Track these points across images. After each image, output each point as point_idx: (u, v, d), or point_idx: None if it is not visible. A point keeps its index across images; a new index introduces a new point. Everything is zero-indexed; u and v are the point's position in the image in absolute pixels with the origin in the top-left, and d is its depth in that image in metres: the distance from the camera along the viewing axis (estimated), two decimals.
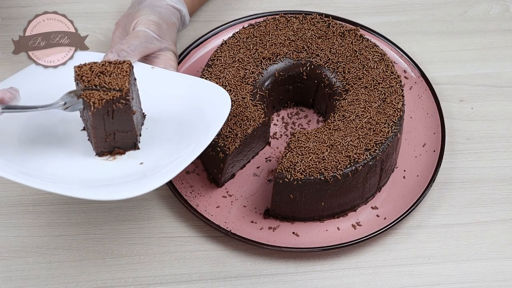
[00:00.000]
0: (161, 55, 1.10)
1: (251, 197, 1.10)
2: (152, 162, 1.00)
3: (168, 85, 1.06)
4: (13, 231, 1.07)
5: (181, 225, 1.08)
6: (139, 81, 1.03)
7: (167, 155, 0.99)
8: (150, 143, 1.03)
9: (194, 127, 1.01)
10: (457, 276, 1.05)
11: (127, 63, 0.99)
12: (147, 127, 1.04)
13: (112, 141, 1.00)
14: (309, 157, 1.04)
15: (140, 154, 1.02)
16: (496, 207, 1.11)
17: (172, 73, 1.07)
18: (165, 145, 1.01)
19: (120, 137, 1.00)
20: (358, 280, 1.05)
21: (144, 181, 0.95)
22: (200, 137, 0.98)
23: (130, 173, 0.98)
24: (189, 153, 0.96)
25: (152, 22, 1.10)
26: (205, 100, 1.03)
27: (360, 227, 1.07)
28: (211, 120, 1.00)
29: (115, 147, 1.01)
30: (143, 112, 1.05)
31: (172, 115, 1.04)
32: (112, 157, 1.01)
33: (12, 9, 1.28)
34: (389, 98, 1.09)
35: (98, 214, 1.09)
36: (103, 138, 0.99)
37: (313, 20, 1.16)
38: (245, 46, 1.14)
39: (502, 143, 1.17)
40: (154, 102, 1.05)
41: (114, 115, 0.97)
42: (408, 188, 1.10)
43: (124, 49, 1.05)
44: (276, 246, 1.04)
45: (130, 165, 1.00)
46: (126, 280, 1.04)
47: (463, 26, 1.29)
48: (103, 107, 0.96)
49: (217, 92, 1.03)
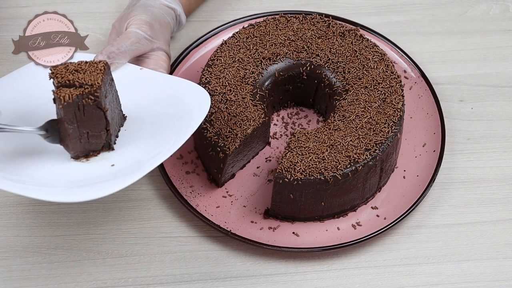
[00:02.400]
0: (153, 55, 1.10)
1: (251, 197, 1.10)
2: (123, 164, 0.99)
3: (153, 87, 1.06)
4: (13, 231, 1.07)
5: (181, 225, 1.08)
6: (126, 82, 1.03)
7: (139, 157, 0.99)
8: (125, 144, 1.02)
9: (171, 128, 1.01)
10: (457, 276, 1.05)
11: (103, 62, 0.99)
12: (126, 128, 1.04)
13: (87, 143, 0.99)
14: (309, 157, 1.04)
15: (114, 155, 1.02)
16: (496, 207, 1.11)
17: (158, 75, 1.07)
18: (140, 147, 1.01)
19: (94, 138, 0.99)
20: (358, 280, 1.05)
21: (109, 183, 0.94)
22: (177, 136, 0.98)
23: (99, 175, 0.98)
24: (163, 152, 0.96)
25: (143, 22, 1.09)
26: (186, 100, 1.03)
27: (360, 227, 1.07)
28: (187, 121, 0.99)
29: (90, 151, 1.00)
30: (123, 113, 1.05)
31: (152, 117, 1.04)
32: (86, 159, 1.01)
33: (12, 9, 1.28)
34: (389, 98, 1.09)
35: (98, 214, 1.09)
36: (77, 138, 0.98)
37: (313, 20, 1.16)
38: (245, 46, 1.14)
39: (502, 143, 1.17)
40: (137, 103, 1.05)
41: (85, 111, 0.96)
42: (408, 188, 1.10)
43: (114, 50, 1.05)
44: (276, 246, 1.04)
45: (101, 167, 1.00)
46: (126, 280, 1.04)
47: (463, 26, 1.29)
48: (73, 101, 0.95)
49: (198, 93, 1.02)
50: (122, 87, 1.04)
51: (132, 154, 1.01)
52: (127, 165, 0.99)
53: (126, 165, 0.99)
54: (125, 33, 1.08)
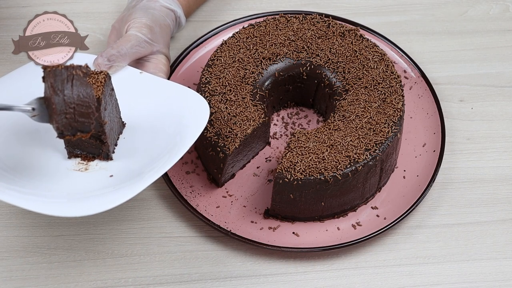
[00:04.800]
0: (152, 59, 1.10)
1: (251, 197, 1.10)
2: (122, 176, 0.99)
3: (153, 93, 1.06)
4: (13, 231, 1.07)
5: (181, 225, 1.08)
6: (126, 87, 1.03)
7: (138, 169, 0.99)
8: (124, 154, 1.02)
9: (170, 137, 1.01)
10: (457, 276, 1.05)
11: (104, 74, 0.98)
12: (125, 136, 1.04)
13: (73, 121, 0.95)
14: (309, 157, 1.04)
15: (112, 165, 1.02)
16: (496, 207, 1.11)
17: (158, 80, 1.07)
18: (139, 156, 1.01)
19: (82, 117, 0.95)
20: (358, 280, 1.05)
21: (108, 198, 0.93)
22: (174, 149, 0.98)
23: (98, 187, 0.98)
24: (160, 166, 0.96)
25: (144, 25, 1.09)
26: (186, 110, 1.03)
27: (360, 227, 1.07)
28: (186, 133, 0.99)
29: (78, 130, 0.96)
30: (122, 121, 1.05)
31: (151, 124, 1.04)
32: (84, 167, 1.01)
33: (12, 9, 1.28)
34: (389, 98, 1.09)
35: (98, 214, 1.08)
36: (63, 113, 0.94)
37: (313, 20, 1.16)
38: (245, 46, 1.14)
39: (502, 143, 1.17)
40: (136, 110, 1.05)
41: (73, 83, 0.94)
42: (408, 188, 1.10)
43: (114, 53, 1.05)
44: (276, 246, 1.04)
45: (99, 178, 1.00)
46: (126, 280, 1.04)
47: (463, 26, 1.29)
48: (61, 70, 0.93)
49: (198, 102, 1.03)
50: (121, 91, 1.04)
51: (131, 165, 1.01)
52: (126, 177, 0.99)
53: (125, 177, 0.99)
54: (126, 35, 1.08)
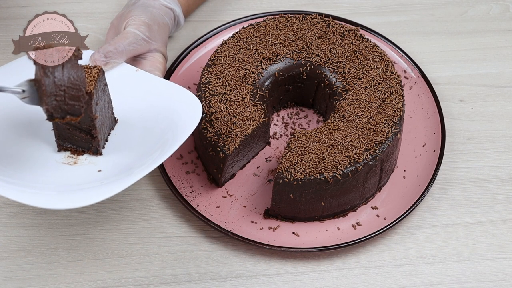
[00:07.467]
0: (149, 57, 1.10)
1: (251, 197, 1.10)
2: (110, 171, 0.99)
3: (147, 91, 1.06)
4: (13, 231, 1.07)
5: (181, 225, 1.08)
6: (121, 84, 1.03)
7: (127, 165, 0.99)
8: (114, 150, 1.02)
9: (161, 135, 1.01)
10: (457, 276, 1.05)
11: (97, 68, 0.98)
12: (116, 132, 1.04)
13: (63, 103, 0.94)
14: (309, 157, 1.04)
15: (101, 160, 1.02)
16: (496, 207, 1.11)
17: (153, 78, 1.07)
18: (129, 152, 1.01)
19: (73, 100, 0.95)
20: (358, 280, 1.05)
21: (95, 192, 0.93)
22: (165, 146, 0.98)
23: (86, 181, 0.98)
24: (150, 162, 0.96)
25: (142, 23, 1.09)
26: (179, 108, 1.03)
27: (360, 227, 1.07)
28: (177, 132, 0.99)
29: (68, 113, 0.95)
30: (114, 117, 1.05)
31: (143, 123, 1.04)
32: (73, 160, 1.01)
33: (12, 9, 1.28)
34: (389, 98, 1.09)
35: (98, 214, 1.09)
36: (53, 94, 0.94)
37: (313, 20, 1.16)
38: (245, 46, 1.14)
39: (502, 143, 1.17)
40: (129, 107, 1.05)
41: (64, 66, 0.94)
42: (408, 188, 1.10)
43: (111, 50, 1.06)
44: (276, 246, 1.04)
45: (88, 172, 1.00)
46: (126, 280, 1.04)
47: (463, 26, 1.29)
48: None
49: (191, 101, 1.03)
50: (116, 88, 1.04)
51: (120, 161, 1.01)
52: (115, 172, 0.99)
53: (113, 172, 0.99)
54: (123, 33, 1.08)
